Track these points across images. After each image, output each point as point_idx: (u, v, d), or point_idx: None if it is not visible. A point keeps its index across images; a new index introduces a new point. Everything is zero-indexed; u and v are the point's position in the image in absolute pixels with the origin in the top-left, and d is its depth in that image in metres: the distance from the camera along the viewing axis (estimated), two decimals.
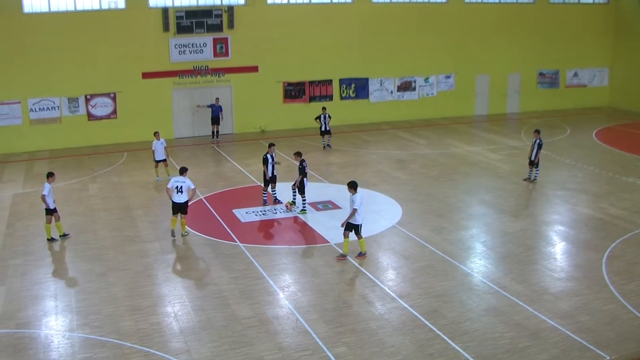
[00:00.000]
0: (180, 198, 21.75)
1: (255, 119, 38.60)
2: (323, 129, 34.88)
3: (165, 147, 28.61)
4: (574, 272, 19.39)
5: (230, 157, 32.92)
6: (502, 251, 21.00)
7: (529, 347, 15.03)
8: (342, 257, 19.96)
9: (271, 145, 25.33)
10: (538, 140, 28.01)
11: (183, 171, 22.23)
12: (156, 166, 28.76)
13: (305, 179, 24.03)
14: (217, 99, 36.93)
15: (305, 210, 24.29)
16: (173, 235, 21.93)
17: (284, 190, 25.88)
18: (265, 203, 25.28)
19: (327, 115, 34.73)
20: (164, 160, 28.71)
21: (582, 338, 15.38)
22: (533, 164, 28.28)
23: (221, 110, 36.80)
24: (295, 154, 24.59)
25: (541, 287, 18.31)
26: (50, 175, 21.92)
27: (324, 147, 34.90)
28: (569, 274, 19.25)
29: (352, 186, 20.07)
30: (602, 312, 16.75)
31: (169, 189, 21.80)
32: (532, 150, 28.07)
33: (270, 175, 24.81)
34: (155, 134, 28.72)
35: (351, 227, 19.90)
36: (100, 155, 33.86)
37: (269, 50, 38.35)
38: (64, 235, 22.03)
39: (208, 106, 36.83)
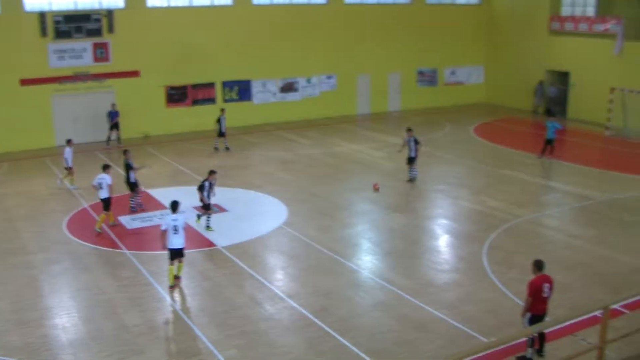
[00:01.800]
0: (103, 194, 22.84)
1: (138, 124, 37.92)
2: (222, 130, 34.67)
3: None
4: (457, 264, 19.98)
5: (114, 163, 32.25)
6: (388, 247, 21.42)
7: (417, 339, 15.39)
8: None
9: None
10: (414, 138, 28.39)
11: (105, 168, 23.34)
12: (69, 173, 28.05)
13: (209, 195, 22.70)
14: (114, 104, 36.13)
15: (210, 227, 22.96)
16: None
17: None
18: (135, 210, 24.93)
19: (225, 117, 34.75)
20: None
21: (466, 327, 15.86)
22: (413, 161, 28.49)
23: (118, 116, 36.09)
24: (210, 172, 22.97)
25: (426, 280, 18.79)
26: None
27: (217, 149, 34.82)
28: (453, 266, 19.83)
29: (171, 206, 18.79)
30: (484, 301, 17.33)
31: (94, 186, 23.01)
32: (410, 148, 28.33)
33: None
34: (69, 141, 28.16)
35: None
36: None
37: (150, 54, 37.75)
38: None
39: (107, 114, 36.10)
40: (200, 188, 22.49)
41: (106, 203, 22.99)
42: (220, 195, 25.11)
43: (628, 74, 38.94)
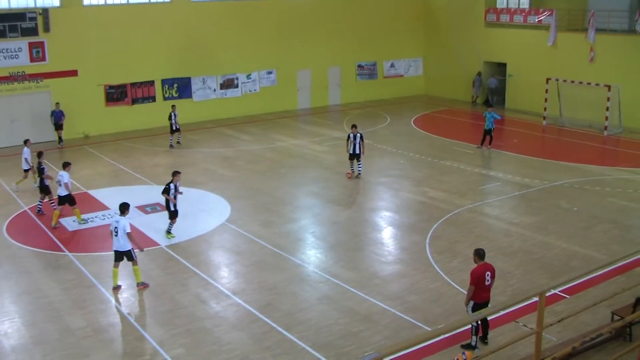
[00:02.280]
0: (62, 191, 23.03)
1: (77, 125, 37.31)
2: (176, 126, 34.83)
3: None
4: (400, 255, 20.19)
5: (54, 164, 31.77)
6: (332, 240, 21.53)
7: (362, 331, 15.51)
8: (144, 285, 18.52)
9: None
10: (359, 134, 28.41)
11: (65, 166, 23.36)
12: (26, 177, 27.52)
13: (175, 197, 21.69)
14: (58, 104, 35.42)
15: (171, 233, 21.97)
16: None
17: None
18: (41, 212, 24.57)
19: (176, 113, 34.94)
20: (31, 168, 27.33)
21: (411, 317, 16.05)
22: (358, 157, 28.41)
23: (63, 115, 35.56)
24: (174, 173, 22.06)
25: (370, 272, 18.93)
26: None
27: (172, 146, 34.88)
28: (396, 257, 20.02)
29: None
30: (428, 291, 17.55)
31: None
32: (354, 145, 28.33)
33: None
34: (26, 141, 27.66)
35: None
36: None
37: (88, 53, 37.15)
38: None
39: (51, 114, 35.52)
40: (166, 191, 21.54)
41: (64, 200, 23.12)
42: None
43: (562, 65, 39.80)
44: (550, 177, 28.06)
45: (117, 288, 18.12)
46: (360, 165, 28.53)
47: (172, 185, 21.65)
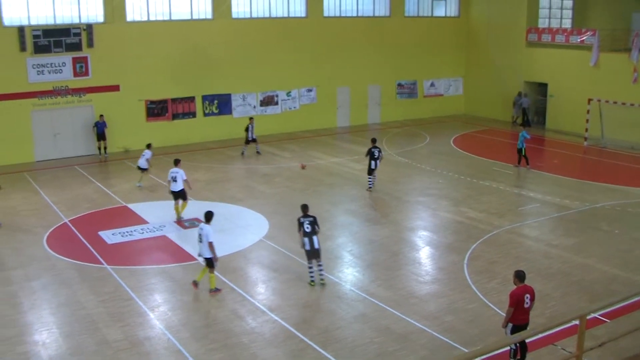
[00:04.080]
0: (175, 187, 25.02)
1: (118, 139, 37.80)
2: (252, 137, 36.29)
3: None
4: (437, 275, 20.06)
5: (94, 178, 32.20)
6: (369, 259, 21.47)
7: (398, 350, 15.42)
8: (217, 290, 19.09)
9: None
10: (378, 149, 28.98)
11: (177, 162, 25.57)
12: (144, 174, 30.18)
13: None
14: (102, 116, 36.25)
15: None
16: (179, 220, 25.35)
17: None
18: None
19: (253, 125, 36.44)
20: None
21: (448, 337, 15.93)
22: (372, 172, 29.18)
23: (106, 127, 36.26)
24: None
25: (407, 291, 18.84)
26: None
27: (244, 154, 36.44)
28: (433, 277, 19.90)
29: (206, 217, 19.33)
30: (465, 311, 17.40)
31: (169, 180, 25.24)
32: (372, 160, 28.91)
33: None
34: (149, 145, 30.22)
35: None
36: None
37: (130, 69, 37.68)
38: None
39: (94, 125, 36.36)
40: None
41: (179, 195, 25.24)
42: (201, 209, 25.06)
43: (604, 85, 39.40)
44: (591, 198, 27.74)
45: (216, 291, 18.81)
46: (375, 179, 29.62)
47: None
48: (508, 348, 14.24)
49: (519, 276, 14.20)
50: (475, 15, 49.24)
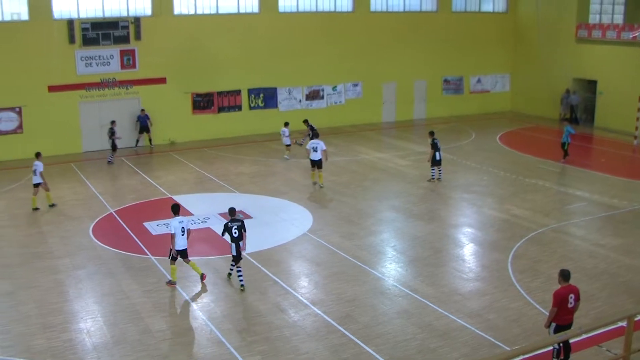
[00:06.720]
0: (315, 156, 28.31)
1: (164, 131, 38.17)
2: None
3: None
4: (481, 272, 19.90)
5: (140, 169, 32.54)
6: (412, 254, 21.38)
7: (440, 347, 15.35)
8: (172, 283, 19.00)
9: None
10: (437, 140, 29.41)
11: (315, 135, 29.88)
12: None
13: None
14: (143, 109, 36.88)
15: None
16: (314, 184, 28.90)
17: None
18: None
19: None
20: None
21: (490, 335, 15.80)
22: (439, 163, 29.47)
23: (148, 119, 36.90)
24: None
25: (450, 288, 18.73)
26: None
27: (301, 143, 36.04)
28: (477, 274, 19.75)
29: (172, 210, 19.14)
30: (508, 310, 17.25)
31: (308, 149, 28.72)
32: (436, 151, 29.25)
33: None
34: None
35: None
36: (6, 170, 32.61)
37: (176, 61, 38.02)
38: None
39: (137, 119, 37.06)
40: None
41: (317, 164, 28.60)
42: (245, 202, 25.23)
43: None
44: None
45: (171, 283, 19.01)
46: (441, 171, 30.14)
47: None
48: (551, 348, 14.08)
49: (564, 275, 14.01)
50: (523, 10, 48.63)
